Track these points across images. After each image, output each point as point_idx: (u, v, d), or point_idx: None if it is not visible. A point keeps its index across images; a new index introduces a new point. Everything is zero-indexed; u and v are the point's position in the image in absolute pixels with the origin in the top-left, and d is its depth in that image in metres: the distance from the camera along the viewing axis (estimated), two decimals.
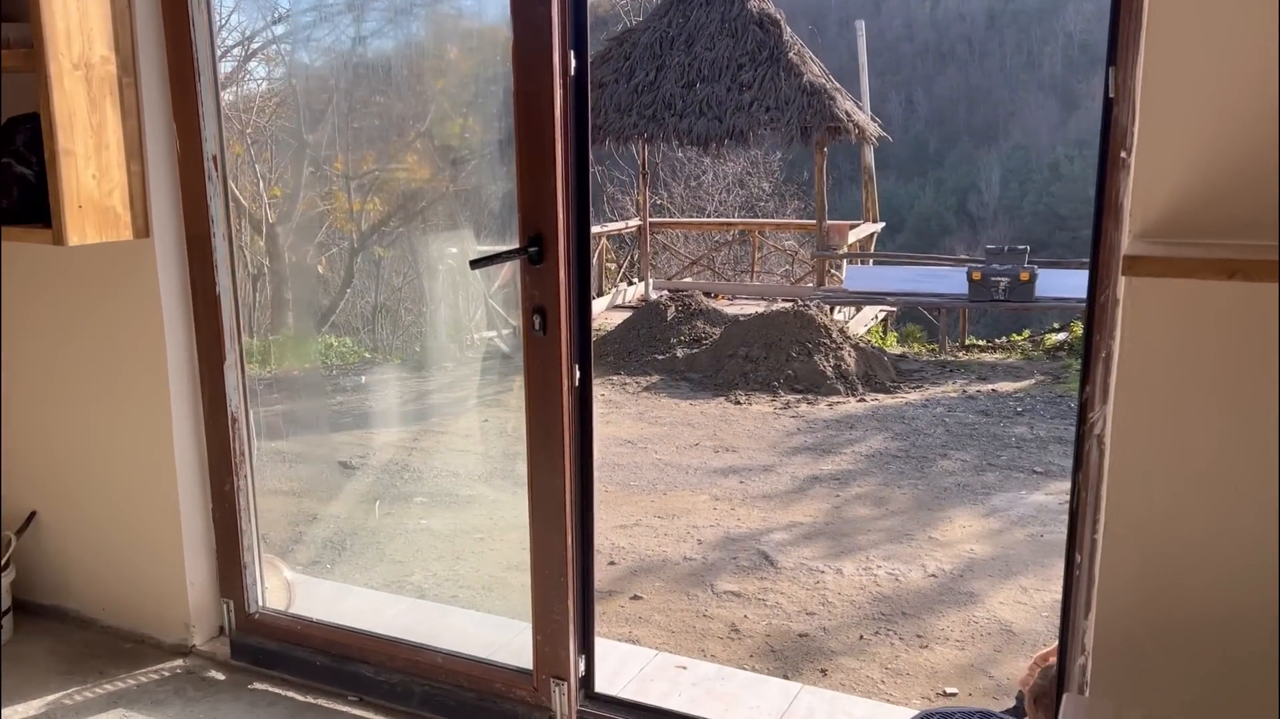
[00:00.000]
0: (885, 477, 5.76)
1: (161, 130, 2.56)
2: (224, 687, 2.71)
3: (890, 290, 10.74)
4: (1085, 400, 1.89)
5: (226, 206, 2.62)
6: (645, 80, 11.27)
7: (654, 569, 4.48)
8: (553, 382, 2.29)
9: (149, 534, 2.81)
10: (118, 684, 2.72)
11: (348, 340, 8.49)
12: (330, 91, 8.50)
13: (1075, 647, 1.97)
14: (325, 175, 8.73)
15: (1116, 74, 1.76)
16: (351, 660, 2.65)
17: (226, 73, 8.15)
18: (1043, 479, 5.67)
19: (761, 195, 17.43)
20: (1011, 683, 3.42)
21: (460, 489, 5.46)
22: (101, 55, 2.40)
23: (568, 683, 2.41)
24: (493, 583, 4.07)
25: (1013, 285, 9.78)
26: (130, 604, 2.92)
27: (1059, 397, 7.56)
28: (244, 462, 2.75)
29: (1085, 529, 1.93)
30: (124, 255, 2.62)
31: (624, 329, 9.35)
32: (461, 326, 7.90)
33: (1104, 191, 1.81)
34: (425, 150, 8.76)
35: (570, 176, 2.22)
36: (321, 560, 4.13)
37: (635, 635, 3.81)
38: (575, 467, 2.35)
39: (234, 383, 2.70)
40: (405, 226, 8.86)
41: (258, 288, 7.15)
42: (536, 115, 2.17)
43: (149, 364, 2.68)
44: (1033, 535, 4.82)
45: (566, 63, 2.16)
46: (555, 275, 2.23)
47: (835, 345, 8.17)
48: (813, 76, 10.72)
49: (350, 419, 6.62)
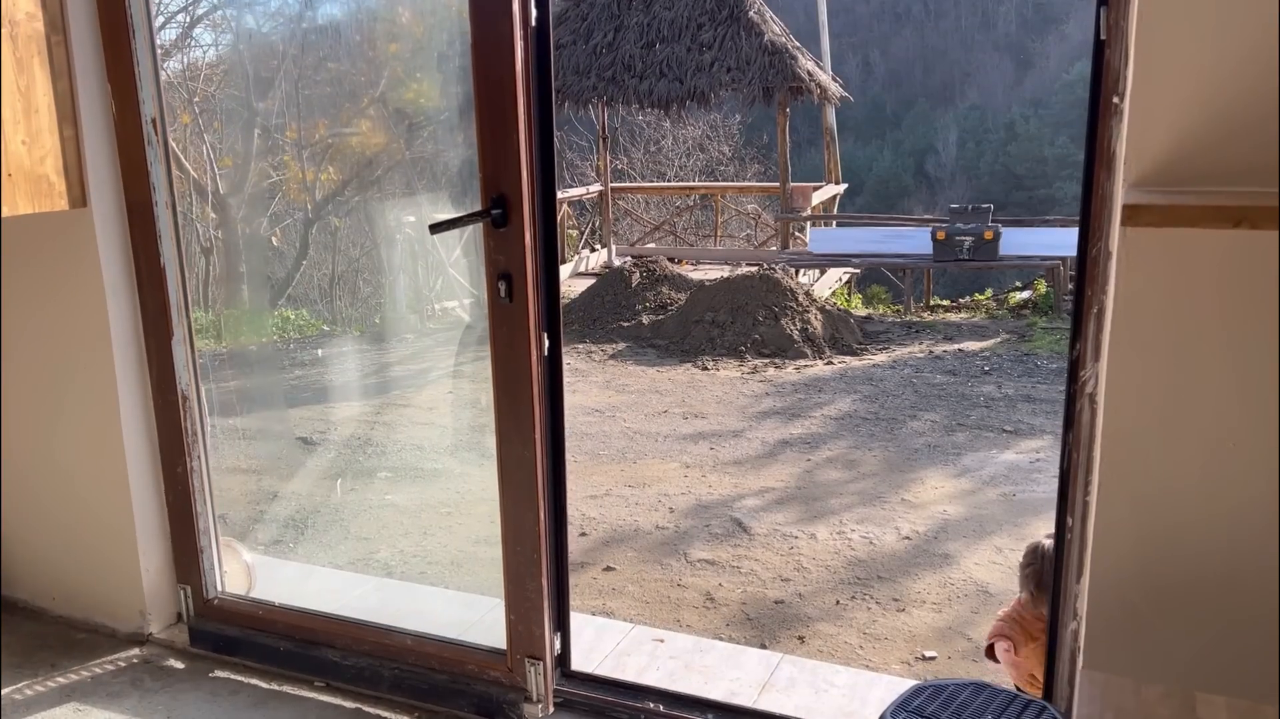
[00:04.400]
0: (855, 439, 5.73)
1: (96, 93, 2.40)
2: (183, 676, 2.60)
3: (855, 252, 10.70)
4: (1076, 358, 1.82)
5: (169, 173, 2.47)
6: (603, 41, 11.07)
7: (626, 539, 4.42)
8: (520, 350, 2.19)
9: (99, 518, 2.68)
10: (70, 677, 2.60)
11: (304, 313, 8.31)
12: (279, 58, 8.25)
13: (1067, 612, 1.92)
14: (277, 144, 8.50)
15: (1108, 14, 1.67)
16: (317, 645, 2.55)
17: (171, 40, 7.88)
18: (1013, 438, 5.67)
19: (721, 159, 17.32)
20: None
21: (425, 463, 5.35)
22: (26, 12, 2.24)
23: (543, 662, 2.33)
24: (461, 558, 3.98)
25: (977, 244, 9.78)
26: (82, 592, 2.79)
27: (1025, 355, 7.57)
28: (197, 441, 2.62)
29: (1077, 491, 1.87)
30: (60, 226, 2.47)
31: (588, 296, 9.23)
32: (422, 297, 7.75)
33: (1095, 139, 1.73)
34: (379, 116, 8.55)
35: (534, 134, 2.10)
36: (283, 540, 4.02)
37: (609, 608, 3.74)
38: (546, 438, 2.26)
39: (183, 359, 2.56)
40: (361, 195, 8.66)
41: (210, 261, 6.95)
42: (496, 69, 2.04)
43: (92, 341, 2.54)
44: (1005, 495, 4.81)
45: (527, 11, 2.03)
46: (520, 239, 2.12)
47: (801, 309, 8.12)
48: (773, 36, 10.58)
49: (309, 394, 6.47)
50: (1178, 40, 1.57)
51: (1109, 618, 1.77)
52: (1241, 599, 1.67)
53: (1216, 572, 1.68)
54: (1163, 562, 1.71)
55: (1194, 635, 1.71)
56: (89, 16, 2.37)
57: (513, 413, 2.22)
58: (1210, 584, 1.68)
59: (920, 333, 8.55)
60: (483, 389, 2.31)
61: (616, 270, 9.84)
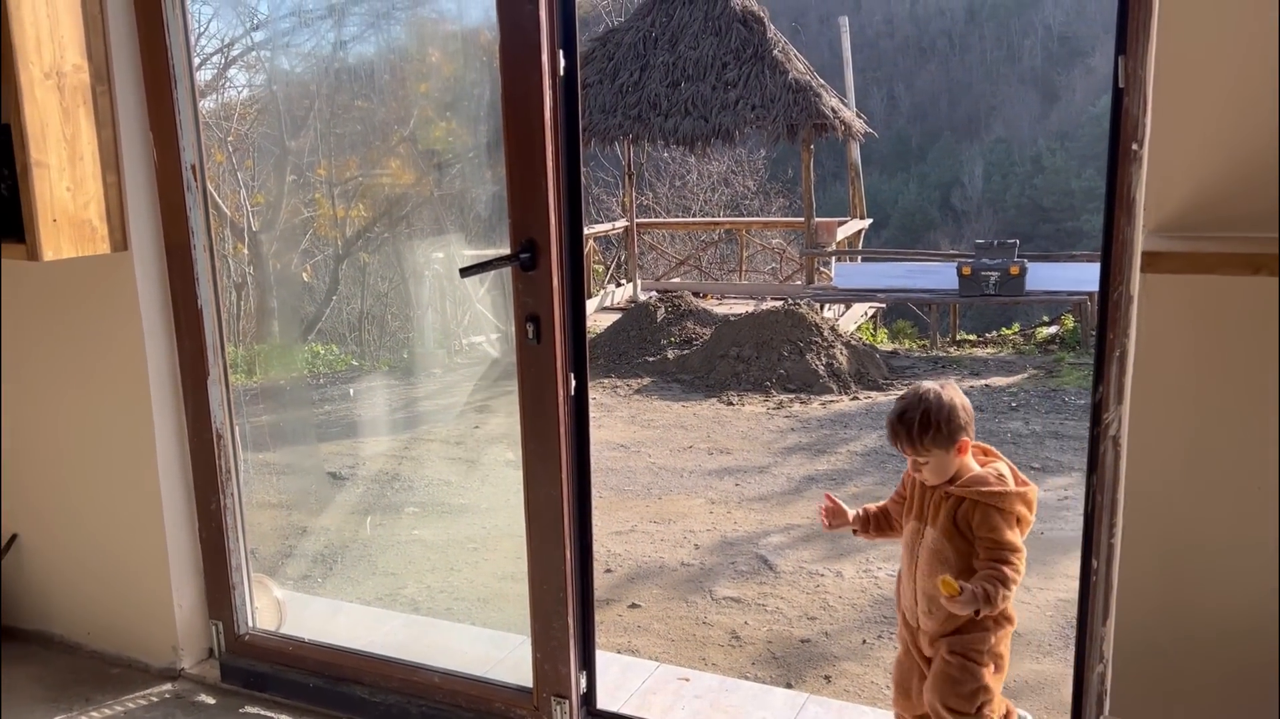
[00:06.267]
0: (882, 475, 5.71)
1: (138, 140, 2.48)
2: (214, 711, 2.63)
3: (880, 287, 10.71)
4: (1099, 400, 1.83)
5: (207, 217, 2.54)
6: (630, 80, 11.21)
7: (651, 575, 4.42)
8: (548, 390, 2.22)
9: (134, 555, 2.73)
10: (105, 711, 2.63)
11: (334, 348, 8.40)
12: (312, 97, 8.41)
13: (1093, 654, 1.92)
14: (308, 182, 8.63)
15: (1126, 63, 1.70)
16: (345, 682, 2.58)
17: (206, 80, 8.05)
18: (1040, 475, 5.63)
19: (746, 194, 17.41)
20: (1019, 685, 3.37)
21: (452, 498, 5.38)
22: (74, 64, 2.32)
23: (569, 701, 2.35)
24: (488, 594, 3.99)
25: (1003, 279, 9.77)
26: (117, 627, 2.84)
27: (1053, 390, 7.52)
28: (230, 479, 2.67)
29: (1101, 533, 1.87)
30: (102, 269, 2.54)
31: (613, 331, 9.28)
32: (449, 332, 7.82)
33: (1115, 184, 1.75)
34: (409, 155, 8.68)
35: (562, 180, 2.15)
36: (312, 575, 4.05)
37: (634, 645, 3.74)
38: (573, 477, 2.29)
39: (218, 398, 2.62)
40: (390, 232, 8.77)
41: (242, 297, 7.06)
42: (525, 118, 2.10)
43: (130, 380, 2.60)
44: (1032, 533, 4.75)
45: (555, 62, 2.09)
46: (548, 282, 2.17)
47: (827, 343, 8.12)
48: (798, 74, 10.68)
49: (338, 428, 6.53)
50: (1196, 88, 1.59)
51: (1135, 663, 1.77)
52: (1272, 644, 1.66)
53: (1244, 617, 1.67)
54: (1190, 606, 1.71)
55: (1223, 680, 1.70)
56: (133, 67, 2.45)
57: (540, 453, 2.26)
58: (1238, 630, 1.68)
59: (946, 368, 8.52)
60: (509, 424, 2.34)
61: (642, 305, 9.89)
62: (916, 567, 2.06)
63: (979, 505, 1.96)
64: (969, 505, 1.97)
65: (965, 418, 1.98)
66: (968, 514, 1.97)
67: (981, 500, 1.95)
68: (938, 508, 2.02)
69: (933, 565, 2.01)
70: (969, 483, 1.98)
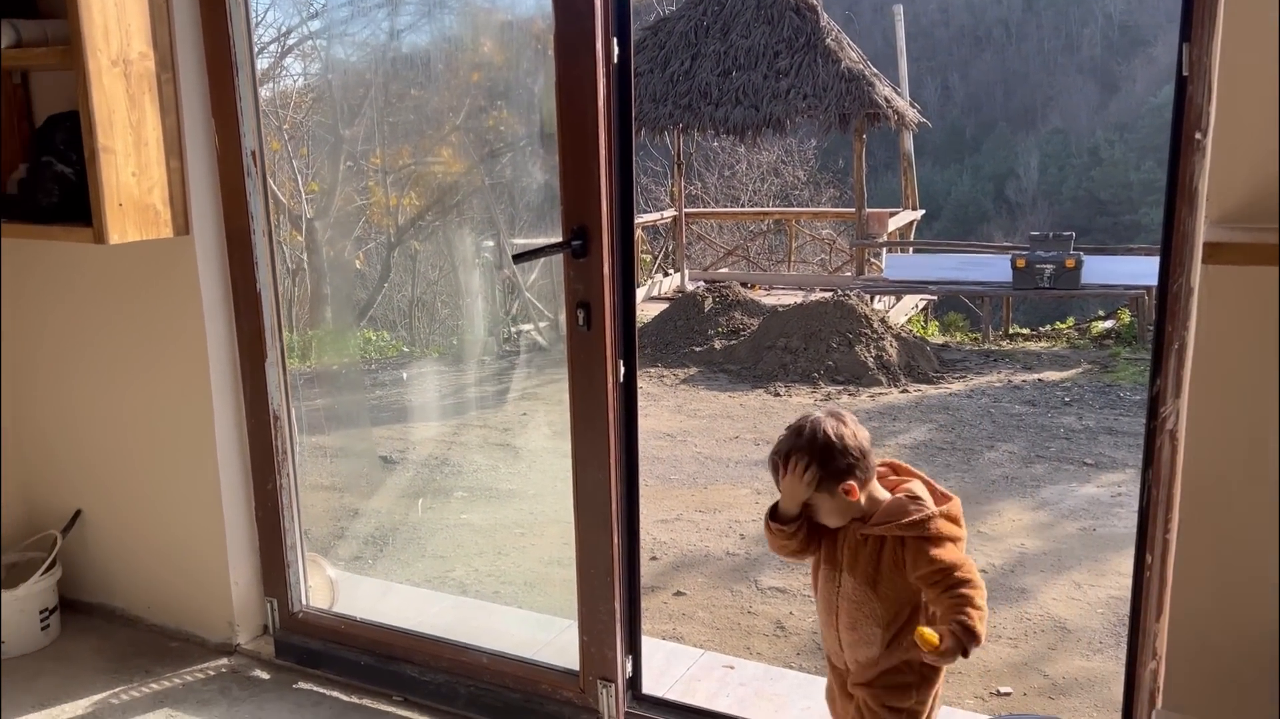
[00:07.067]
0: (931, 469, 5.66)
1: (200, 126, 2.54)
2: (269, 686, 2.69)
3: (932, 279, 10.58)
4: (1156, 394, 1.81)
5: (266, 202, 2.59)
6: (680, 69, 11.18)
7: (696, 564, 4.43)
8: (597, 377, 2.24)
9: (193, 532, 2.80)
10: (163, 683, 2.71)
11: (385, 334, 8.51)
12: (366, 86, 8.50)
13: (1146, 651, 1.89)
14: (362, 170, 8.75)
15: (1191, 50, 1.67)
16: (396, 660, 2.63)
17: (263, 69, 8.17)
18: (1093, 471, 5.54)
19: (796, 184, 17.28)
20: (1068, 683, 3.33)
21: (500, 484, 5.44)
22: (140, 51, 2.38)
23: (615, 684, 2.37)
24: (535, 579, 4.03)
25: (1058, 272, 9.60)
26: (175, 603, 2.92)
27: (1108, 386, 7.39)
28: (286, 459, 2.72)
29: (1156, 529, 1.84)
30: (164, 253, 2.60)
31: (660, 321, 9.29)
32: (498, 320, 7.88)
33: (1176, 174, 1.72)
34: (460, 144, 8.75)
35: (614, 168, 2.16)
36: (363, 556, 4.12)
37: (679, 633, 3.76)
38: (621, 463, 2.30)
39: (275, 380, 2.67)
40: (441, 220, 8.86)
41: (296, 283, 7.18)
42: (579, 106, 2.11)
43: (190, 362, 2.67)
44: (1085, 529, 4.70)
45: (609, 50, 2.10)
46: (599, 269, 2.18)
47: (877, 335, 8.05)
48: (850, 62, 10.57)
49: (389, 413, 6.62)
50: (1262, 76, 1.56)
51: (1189, 659, 1.74)
52: None
53: None
54: (1245, 602, 1.68)
55: (1276, 679, 1.67)
56: (196, 55, 2.50)
57: (589, 438, 2.27)
58: None
59: (999, 362, 8.41)
60: (556, 412, 2.37)
61: (689, 295, 9.88)
62: (837, 619, 1.81)
63: (906, 543, 1.71)
64: (893, 545, 1.73)
65: (853, 457, 1.72)
66: (894, 556, 1.73)
67: (906, 536, 1.71)
68: (855, 553, 1.77)
69: (854, 618, 1.78)
70: (884, 518, 1.73)
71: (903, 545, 1.72)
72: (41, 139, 2.58)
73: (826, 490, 1.74)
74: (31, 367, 2.97)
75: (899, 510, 1.73)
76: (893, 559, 1.73)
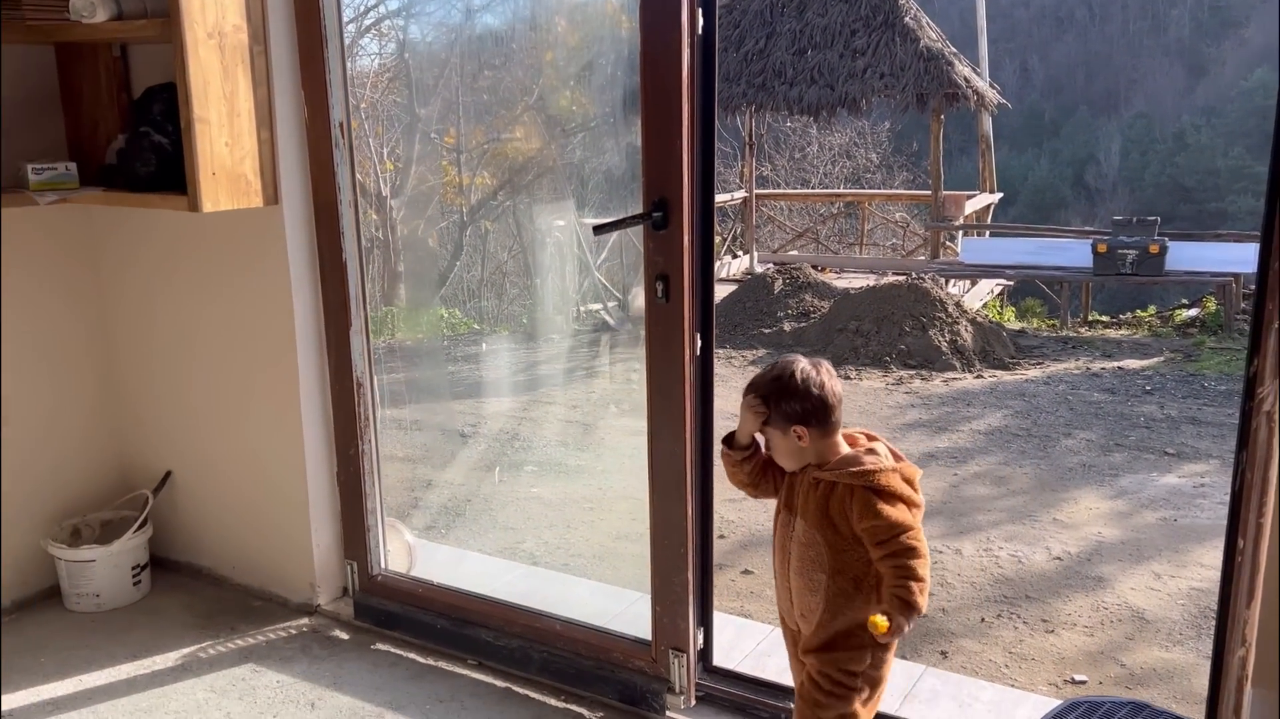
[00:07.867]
0: (1005, 455, 5.57)
1: (290, 98, 2.59)
2: (348, 646, 2.76)
3: (1009, 263, 10.36)
4: (1253, 374, 1.75)
5: (353, 174, 2.65)
6: (755, 48, 11.09)
7: (764, 543, 4.42)
8: (675, 349, 2.25)
9: (278, 495, 2.89)
10: (248, 640, 2.80)
11: (457, 312, 8.63)
12: (441, 66, 8.60)
13: (1235, 638, 1.84)
14: (436, 149, 8.85)
15: None
16: (471, 624, 2.68)
17: None
18: (1175, 461, 5.40)
19: (869, 167, 17.04)
20: (1145, 673, 3.27)
21: (568, 459, 5.49)
22: (234, 24, 2.44)
23: (686, 655, 2.38)
24: (603, 553, 4.07)
25: (1141, 258, 9.33)
26: (259, 563, 3.01)
27: (1191, 375, 7.18)
28: (368, 427, 2.79)
29: (1249, 513, 1.79)
30: (254, 222, 2.67)
31: (729, 302, 9.25)
32: (568, 299, 7.94)
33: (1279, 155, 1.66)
34: (533, 123, 8.80)
35: (696, 140, 2.16)
36: (437, 525, 4.20)
37: (747, 610, 3.76)
38: (696, 435, 2.31)
39: (359, 348, 2.73)
40: (512, 200, 8.93)
41: (370, 260, 7.32)
42: (663, 77, 2.11)
43: (278, 329, 2.74)
44: (1165, 519, 4.59)
45: (694, 21, 2.09)
46: (679, 241, 2.18)
47: (951, 320, 7.93)
48: (929, 41, 10.38)
49: (462, 388, 6.73)
50: None
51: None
52: None
53: None
54: None
55: None
56: (288, 28, 2.56)
57: (665, 409, 2.29)
58: None
59: (1077, 349, 8.22)
60: (624, 391, 2.38)
61: (759, 277, 9.83)
62: (790, 563, 1.86)
63: (854, 492, 1.75)
64: (842, 492, 1.77)
65: (811, 403, 1.77)
66: (843, 504, 1.77)
67: (855, 484, 1.76)
68: (806, 496, 1.82)
69: (804, 561, 1.83)
70: (837, 465, 1.79)
71: (851, 495, 1.77)
72: (139, 110, 2.66)
73: (778, 429, 1.82)
74: (125, 333, 3.07)
75: (852, 460, 1.80)
76: (841, 508, 1.78)
